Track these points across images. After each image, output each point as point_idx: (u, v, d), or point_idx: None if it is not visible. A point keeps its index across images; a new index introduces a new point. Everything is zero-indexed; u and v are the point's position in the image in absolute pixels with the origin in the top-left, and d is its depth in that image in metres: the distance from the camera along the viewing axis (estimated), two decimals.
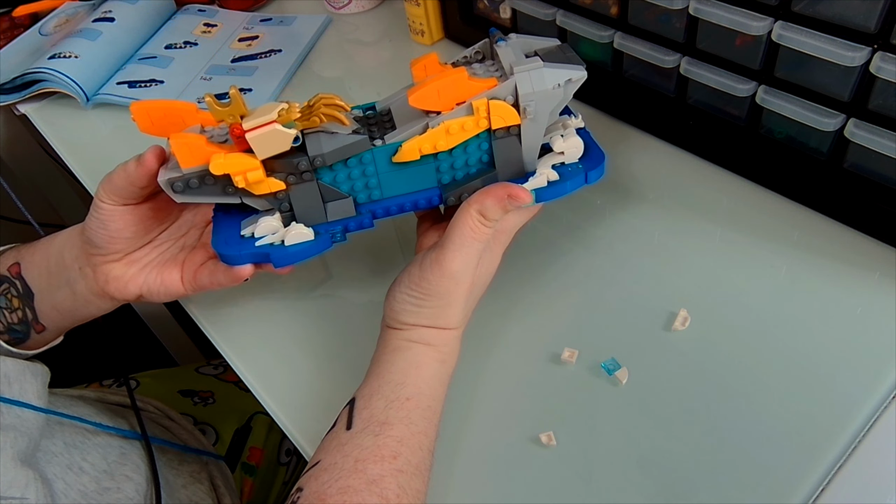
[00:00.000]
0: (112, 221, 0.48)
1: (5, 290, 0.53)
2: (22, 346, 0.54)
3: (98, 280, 0.51)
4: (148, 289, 0.51)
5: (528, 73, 0.44)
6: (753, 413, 0.45)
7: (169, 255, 0.52)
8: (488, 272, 0.47)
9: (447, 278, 0.43)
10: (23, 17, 0.94)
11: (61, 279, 0.52)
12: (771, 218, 0.55)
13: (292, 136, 0.42)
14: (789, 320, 0.49)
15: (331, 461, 0.41)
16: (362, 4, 0.89)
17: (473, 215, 0.43)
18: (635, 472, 0.43)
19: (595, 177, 0.48)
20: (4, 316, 0.53)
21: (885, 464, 0.42)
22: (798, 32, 0.47)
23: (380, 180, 0.47)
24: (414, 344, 0.45)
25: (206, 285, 0.50)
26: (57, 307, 0.53)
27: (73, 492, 0.50)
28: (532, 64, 0.44)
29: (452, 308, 0.44)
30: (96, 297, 0.52)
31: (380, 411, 0.42)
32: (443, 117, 0.45)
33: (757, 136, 0.56)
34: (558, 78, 0.45)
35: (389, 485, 0.39)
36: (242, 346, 0.55)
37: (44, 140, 0.79)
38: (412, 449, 0.42)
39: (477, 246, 0.43)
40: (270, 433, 0.77)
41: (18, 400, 0.49)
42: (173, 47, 0.87)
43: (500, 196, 0.43)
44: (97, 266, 0.50)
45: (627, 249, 0.55)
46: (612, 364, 0.48)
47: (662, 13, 0.55)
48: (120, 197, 0.47)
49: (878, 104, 0.47)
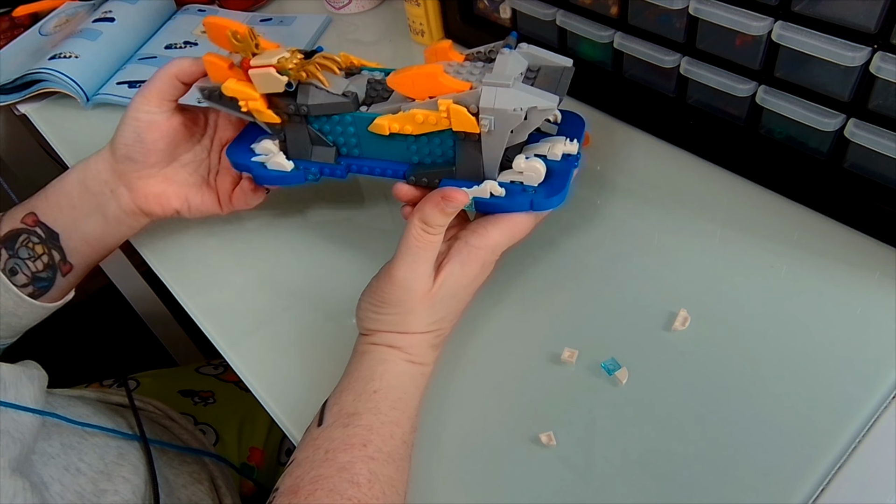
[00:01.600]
0: (149, 132, 0.53)
1: (25, 240, 0.55)
2: (45, 298, 0.57)
3: (136, 198, 0.55)
4: (188, 205, 0.57)
5: (495, 89, 0.44)
6: (753, 413, 0.45)
7: (199, 177, 0.58)
8: (460, 284, 0.47)
9: (395, 287, 0.45)
10: (23, 17, 0.94)
11: (90, 207, 0.56)
12: (771, 218, 0.55)
13: (284, 81, 0.48)
14: (789, 320, 0.49)
15: (303, 456, 0.42)
16: (362, 4, 0.89)
17: (416, 224, 0.44)
18: (635, 472, 0.43)
19: (542, 206, 0.47)
20: (28, 266, 0.55)
21: (885, 464, 0.42)
22: (798, 32, 0.47)
23: (359, 141, 0.52)
24: (379, 346, 0.46)
25: (241, 204, 0.57)
26: (86, 238, 0.57)
27: (70, 493, 0.50)
28: (502, 81, 0.44)
29: (412, 315, 0.46)
30: (130, 216, 0.56)
31: (349, 404, 0.44)
32: (415, 105, 0.47)
33: (757, 136, 0.56)
34: (522, 103, 0.44)
35: (360, 470, 0.41)
36: (242, 346, 0.55)
37: (44, 140, 0.79)
38: (383, 437, 0.43)
39: (423, 254, 0.45)
40: (270, 433, 0.77)
41: (14, 403, 0.49)
42: (173, 47, 0.87)
43: (436, 200, 0.44)
44: (133, 183, 0.55)
45: (627, 249, 0.55)
46: (612, 364, 0.48)
47: (662, 13, 0.55)
48: (158, 95, 0.52)
49: (878, 104, 0.47)
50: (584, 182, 0.60)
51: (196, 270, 0.62)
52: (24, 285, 0.56)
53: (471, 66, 0.49)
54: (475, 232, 0.47)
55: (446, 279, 0.46)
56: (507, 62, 0.46)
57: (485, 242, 0.46)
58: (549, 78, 0.48)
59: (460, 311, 0.49)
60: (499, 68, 0.46)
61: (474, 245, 0.46)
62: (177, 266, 0.62)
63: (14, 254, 0.55)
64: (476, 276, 0.47)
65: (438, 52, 0.50)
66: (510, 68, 0.46)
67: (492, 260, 0.48)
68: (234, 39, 0.49)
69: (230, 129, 0.58)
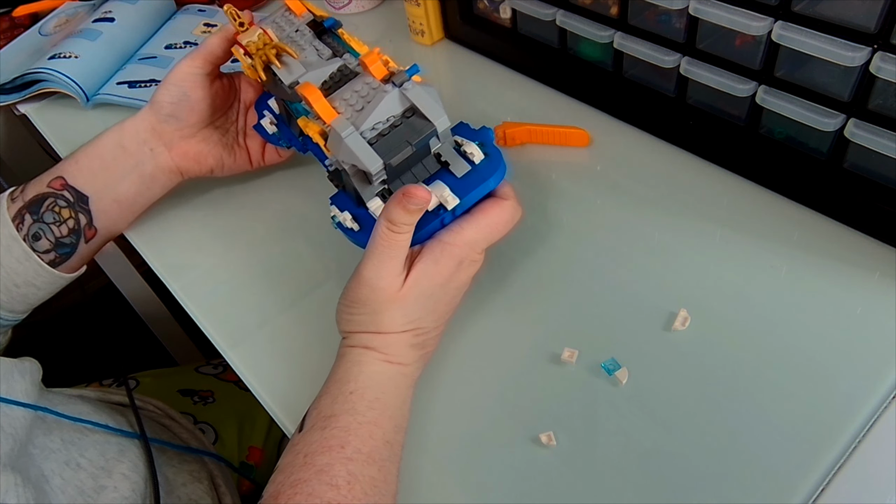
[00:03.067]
0: (194, 91, 0.57)
1: (51, 204, 0.57)
2: (63, 268, 0.59)
3: (174, 156, 0.60)
4: (222, 164, 0.62)
5: (335, 135, 0.46)
6: (753, 413, 0.45)
7: (231, 137, 0.63)
8: (435, 283, 0.46)
9: (363, 285, 0.45)
10: (23, 17, 0.94)
11: (125, 167, 0.59)
12: (771, 218, 0.55)
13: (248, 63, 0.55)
14: (789, 320, 0.49)
15: (285, 462, 0.43)
16: (362, 4, 0.89)
17: (383, 223, 0.44)
18: (635, 472, 0.43)
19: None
20: (52, 231, 0.57)
21: (885, 464, 0.42)
22: (798, 32, 0.47)
23: None
24: (355, 348, 0.47)
25: (274, 159, 0.64)
26: (118, 199, 0.59)
27: (71, 488, 0.50)
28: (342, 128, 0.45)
29: (383, 315, 0.45)
30: (166, 174, 0.60)
31: (326, 407, 0.44)
32: (312, 118, 0.50)
33: (757, 136, 0.56)
34: (347, 157, 0.46)
35: (339, 472, 0.41)
36: (242, 345, 0.55)
37: (44, 140, 0.79)
38: (361, 438, 0.43)
39: (389, 252, 0.44)
40: (270, 432, 0.77)
41: (7, 396, 0.49)
42: (173, 47, 0.87)
43: (399, 199, 0.44)
44: (174, 142, 0.59)
45: (627, 249, 0.55)
46: (612, 364, 0.48)
47: (662, 13, 0.55)
48: (207, 61, 0.57)
49: (878, 104, 0.47)
50: (585, 182, 0.61)
51: (196, 270, 0.62)
52: (47, 251, 0.57)
53: (380, 87, 0.48)
54: (449, 229, 0.46)
55: (419, 277, 0.45)
56: (380, 104, 0.46)
57: (458, 239, 0.46)
58: (406, 133, 0.46)
59: (443, 311, 0.48)
60: (370, 108, 0.46)
61: (447, 241, 0.46)
62: (177, 266, 0.62)
63: (39, 218, 0.57)
64: (452, 275, 0.46)
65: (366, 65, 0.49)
66: (377, 112, 0.46)
67: (471, 257, 0.47)
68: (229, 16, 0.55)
69: (251, 92, 0.64)
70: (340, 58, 0.52)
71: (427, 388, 0.49)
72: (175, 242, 0.64)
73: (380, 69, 0.48)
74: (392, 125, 0.47)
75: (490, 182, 0.47)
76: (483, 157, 0.48)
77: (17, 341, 0.63)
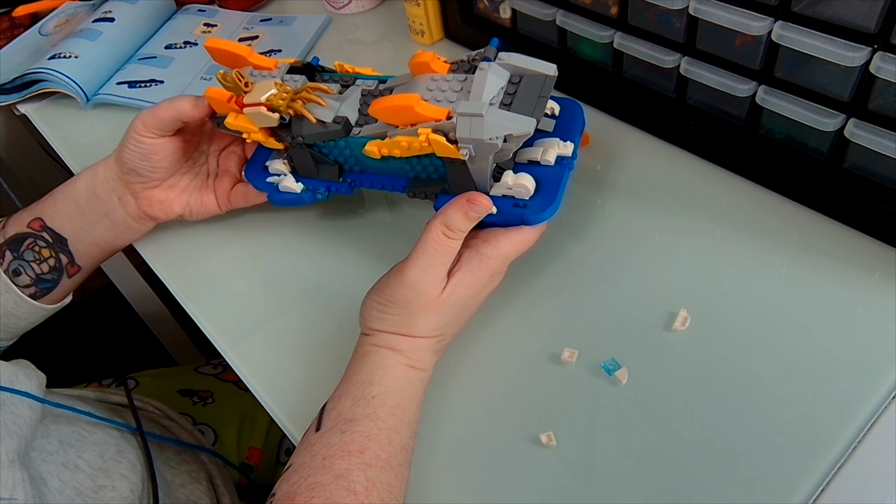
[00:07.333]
0: (154, 153, 0.55)
1: (31, 244, 0.57)
2: (46, 300, 0.59)
3: (141, 205, 0.58)
4: (189, 209, 0.60)
5: (469, 119, 0.43)
6: (753, 413, 0.45)
7: (200, 181, 0.61)
8: (469, 293, 0.47)
9: (406, 286, 0.45)
10: (23, 17, 0.94)
11: (98, 213, 0.58)
12: (771, 218, 0.55)
13: (276, 118, 0.50)
14: (789, 320, 0.49)
15: (301, 462, 0.42)
16: (362, 4, 0.89)
17: (438, 227, 0.44)
18: (635, 472, 0.43)
19: (533, 221, 0.47)
20: (32, 268, 0.57)
21: (885, 464, 0.42)
22: (798, 32, 0.47)
23: (358, 160, 0.54)
24: (380, 348, 0.46)
25: (240, 204, 0.60)
26: (97, 241, 0.59)
27: (69, 489, 0.50)
28: (475, 111, 0.43)
29: (417, 318, 0.46)
30: (137, 220, 0.59)
31: (346, 409, 0.44)
32: (399, 132, 0.47)
33: (757, 136, 0.56)
34: (496, 131, 0.44)
35: (357, 478, 0.40)
36: (242, 345, 0.55)
37: (44, 140, 0.79)
38: (380, 444, 0.42)
39: (439, 258, 0.45)
40: (269, 433, 0.77)
41: (15, 388, 0.49)
42: (173, 47, 0.87)
43: (461, 204, 0.44)
44: (139, 193, 0.58)
45: (627, 249, 0.55)
46: (612, 364, 0.48)
47: (662, 13, 0.55)
48: (160, 129, 0.54)
49: (878, 104, 0.47)
50: (584, 182, 0.60)
51: (196, 270, 0.62)
52: (27, 286, 0.57)
53: (454, 78, 0.48)
54: (486, 241, 0.47)
55: (456, 286, 0.46)
56: (485, 81, 0.45)
57: (496, 252, 0.47)
58: (529, 91, 0.47)
59: (465, 320, 0.49)
60: (476, 89, 0.45)
61: (485, 254, 0.47)
62: (177, 266, 0.62)
63: (19, 256, 0.57)
64: (484, 286, 0.47)
65: (421, 65, 0.49)
66: (487, 89, 0.45)
67: (501, 270, 0.48)
68: (223, 81, 0.51)
69: (226, 137, 0.61)
70: (353, 84, 0.53)
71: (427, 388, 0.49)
72: (175, 242, 0.64)
73: (440, 65, 0.49)
74: (507, 93, 0.47)
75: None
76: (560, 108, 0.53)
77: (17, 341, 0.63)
